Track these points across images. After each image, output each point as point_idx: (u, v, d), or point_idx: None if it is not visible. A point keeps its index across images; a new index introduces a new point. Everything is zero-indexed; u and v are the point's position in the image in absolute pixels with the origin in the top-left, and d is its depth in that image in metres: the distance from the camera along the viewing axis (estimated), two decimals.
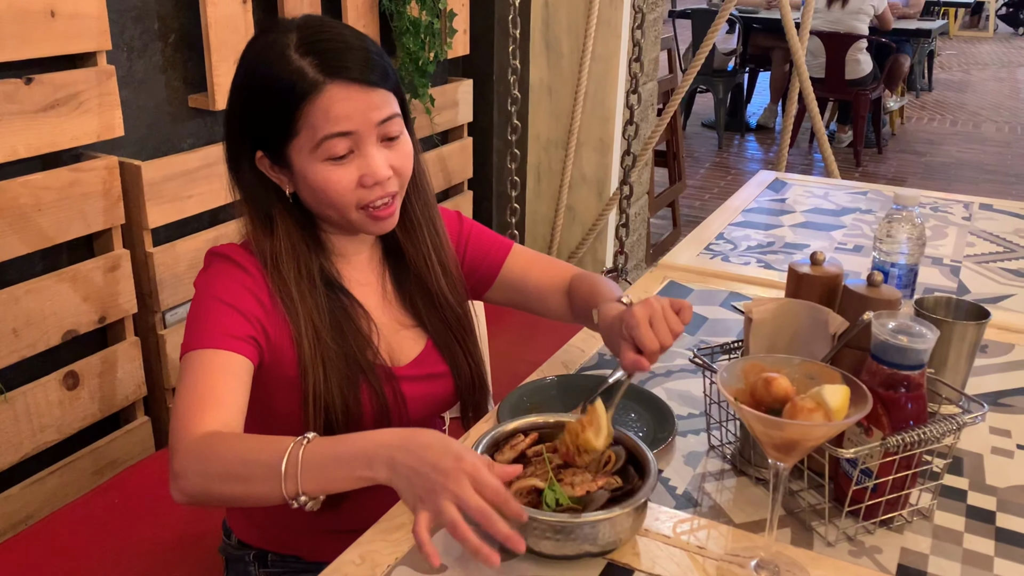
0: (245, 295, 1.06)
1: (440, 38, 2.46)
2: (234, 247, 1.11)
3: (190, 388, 0.98)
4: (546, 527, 0.87)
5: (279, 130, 1.04)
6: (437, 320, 1.20)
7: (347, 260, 1.16)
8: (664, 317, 1.05)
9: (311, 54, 1.01)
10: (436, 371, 1.19)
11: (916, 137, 6.65)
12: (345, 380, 1.09)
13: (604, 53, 2.99)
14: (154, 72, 1.88)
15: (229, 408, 0.97)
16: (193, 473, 0.92)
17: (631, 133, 2.74)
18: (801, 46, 2.96)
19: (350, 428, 1.09)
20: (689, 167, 5.68)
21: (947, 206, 2.12)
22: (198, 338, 1.02)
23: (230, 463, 0.90)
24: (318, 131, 1.01)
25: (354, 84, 1.02)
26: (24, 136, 1.58)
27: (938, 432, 0.93)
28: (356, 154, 1.04)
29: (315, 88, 1.00)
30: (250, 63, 1.06)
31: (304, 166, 1.04)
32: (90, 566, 1.40)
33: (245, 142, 1.08)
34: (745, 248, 1.84)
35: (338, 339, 1.09)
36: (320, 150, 1.02)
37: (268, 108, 1.03)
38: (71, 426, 1.76)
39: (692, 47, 6.36)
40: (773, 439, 0.83)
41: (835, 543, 0.96)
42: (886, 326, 0.92)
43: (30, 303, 1.65)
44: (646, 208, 3.60)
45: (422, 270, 1.19)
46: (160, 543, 1.46)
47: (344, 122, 1.02)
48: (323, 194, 1.05)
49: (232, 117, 1.09)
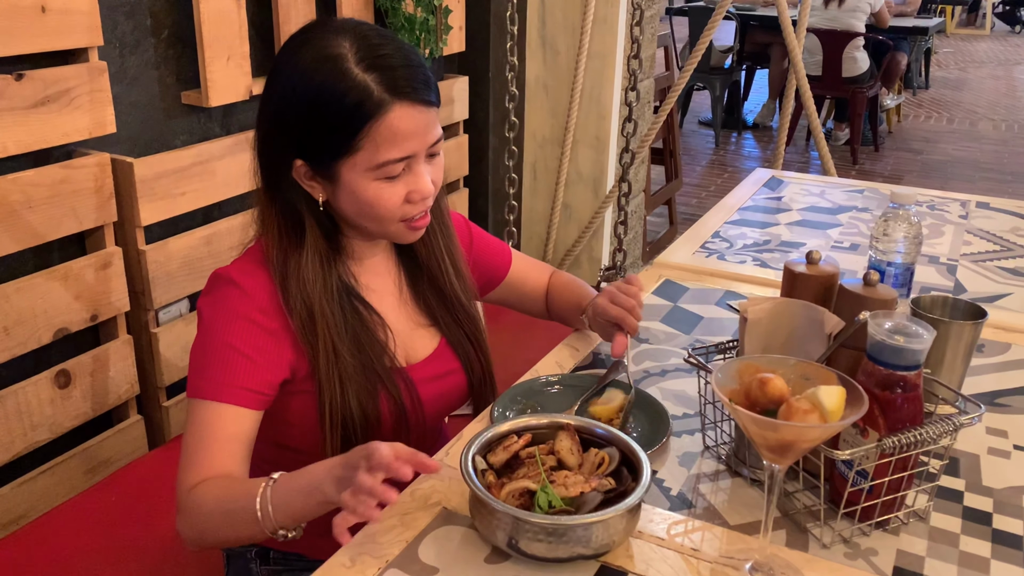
0: (256, 335, 1.04)
1: (436, 35, 2.45)
2: (240, 266, 1.09)
3: (195, 441, 1.02)
4: (538, 529, 0.86)
5: (335, 146, 1.02)
6: (450, 319, 1.21)
7: (362, 263, 1.16)
8: (620, 290, 1.26)
9: (375, 70, 0.99)
10: (449, 368, 1.21)
11: (913, 135, 6.65)
12: (363, 391, 1.08)
13: (601, 50, 2.98)
14: (146, 68, 1.86)
15: (228, 460, 1.02)
16: (190, 530, 1.01)
17: (630, 130, 2.73)
18: (798, 44, 2.95)
19: (368, 436, 1.09)
20: (686, 165, 5.67)
21: (944, 204, 2.11)
22: (206, 387, 1.03)
23: (215, 516, 0.98)
24: (380, 152, 1.01)
25: (417, 104, 1.01)
26: (14, 132, 1.57)
27: (935, 433, 0.92)
28: (406, 172, 1.05)
29: (380, 108, 0.99)
30: (304, 71, 1.01)
31: (356, 181, 1.03)
32: (85, 566, 1.39)
33: (288, 151, 1.05)
34: (741, 246, 1.83)
35: (355, 351, 1.09)
36: (378, 171, 1.02)
37: (326, 123, 1.01)
38: (63, 425, 1.75)
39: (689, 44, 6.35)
40: (768, 440, 0.82)
41: (830, 545, 0.95)
42: (882, 326, 0.92)
43: (21, 301, 1.63)
44: (642, 206, 3.59)
45: (435, 272, 1.20)
46: (159, 541, 1.45)
47: (406, 146, 1.02)
48: (371, 209, 1.05)
49: (275, 124, 1.05)
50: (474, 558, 0.91)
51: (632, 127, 2.70)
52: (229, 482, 1.00)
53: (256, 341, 1.04)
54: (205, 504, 0.98)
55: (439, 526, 0.96)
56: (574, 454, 0.96)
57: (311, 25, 1.06)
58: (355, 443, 1.07)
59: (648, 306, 1.54)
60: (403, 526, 0.96)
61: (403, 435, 1.14)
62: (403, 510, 0.98)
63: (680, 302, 1.57)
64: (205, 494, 0.99)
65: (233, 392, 1.03)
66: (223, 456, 1.02)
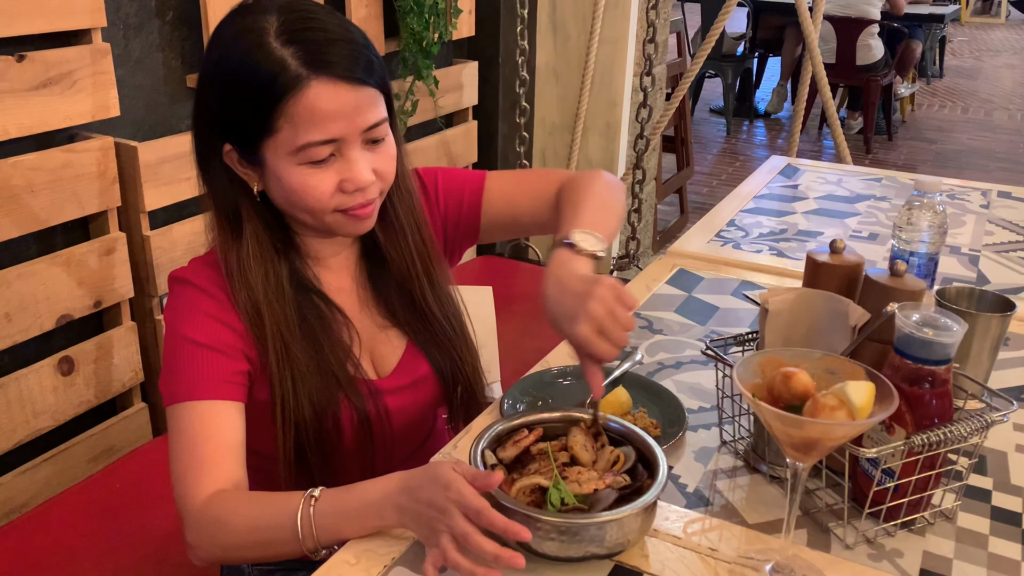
0: (216, 328, 0.99)
1: (445, 18, 2.41)
2: (195, 265, 1.04)
3: (185, 448, 0.96)
4: (550, 528, 0.83)
5: (253, 125, 0.95)
6: (417, 323, 1.13)
7: (323, 264, 1.09)
8: (612, 324, 0.90)
9: (293, 43, 0.92)
10: (419, 375, 1.13)
11: (927, 124, 6.57)
12: (318, 395, 1.02)
13: (612, 36, 2.93)
14: (151, 50, 1.83)
15: (229, 464, 0.96)
16: (207, 545, 0.94)
17: (644, 116, 2.68)
18: (815, 29, 2.89)
19: (324, 448, 1.04)
20: (697, 153, 5.61)
21: (964, 193, 2.07)
22: (181, 389, 0.97)
23: (242, 533, 0.92)
24: (299, 134, 0.93)
25: (341, 81, 0.93)
26: (15, 115, 1.54)
27: (965, 431, 0.89)
28: (337, 157, 0.97)
29: (297, 83, 0.92)
30: (224, 46, 0.95)
31: (279, 167, 0.96)
32: (87, 554, 1.37)
33: (214, 133, 0.99)
34: (757, 235, 1.79)
35: (310, 350, 1.02)
36: (300, 154, 0.95)
37: (243, 100, 0.94)
38: (66, 413, 1.73)
39: (701, 31, 6.27)
40: (792, 438, 0.78)
41: (854, 546, 0.92)
42: (910, 318, 0.88)
43: (23, 287, 1.60)
44: (653, 194, 3.54)
45: (405, 276, 1.11)
46: (158, 531, 1.43)
47: (329, 127, 0.93)
48: (298, 198, 0.97)
49: (201, 105, 1.00)
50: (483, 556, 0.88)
51: (647, 112, 2.66)
52: (255, 497, 0.94)
53: (218, 334, 0.99)
54: (230, 521, 0.92)
55: None
56: (588, 450, 0.93)
57: (247, 2, 0.98)
58: (308, 447, 1.02)
59: (662, 296, 1.51)
60: None
61: (367, 448, 1.08)
62: None
63: (695, 292, 1.53)
64: (227, 510, 0.92)
65: (208, 387, 0.97)
66: (220, 459, 0.95)
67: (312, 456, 1.04)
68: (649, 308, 1.46)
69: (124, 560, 1.38)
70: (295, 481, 1.03)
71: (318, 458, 1.05)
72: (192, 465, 0.95)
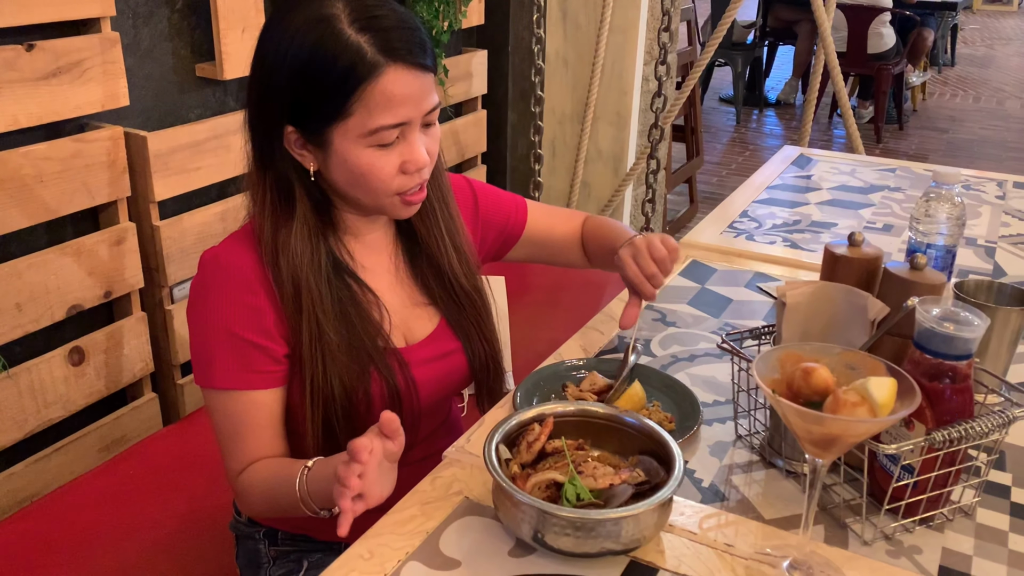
0: (254, 318, 1.02)
1: (455, 7, 2.39)
2: (228, 245, 1.06)
3: (225, 431, 1.06)
4: (565, 523, 0.82)
5: (326, 110, 0.97)
6: (448, 299, 1.17)
7: (359, 240, 1.12)
8: (648, 249, 1.14)
9: (368, 31, 0.95)
10: (448, 349, 1.16)
11: (938, 113, 6.52)
12: (348, 372, 1.05)
13: (623, 24, 2.91)
14: (160, 40, 1.82)
15: (268, 440, 1.06)
16: (246, 509, 1.15)
17: (659, 105, 2.65)
18: (828, 18, 2.86)
19: (353, 423, 1.06)
20: (706, 142, 5.58)
21: (980, 184, 2.04)
22: (217, 376, 1.03)
23: (266, 500, 1.05)
24: (373, 118, 0.96)
25: (411, 68, 0.97)
26: (25, 105, 1.53)
27: (986, 427, 0.87)
28: (400, 140, 1.00)
29: (374, 70, 0.95)
30: (295, 33, 0.96)
31: (347, 149, 0.99)
32: (98, 542, 1.38)
33: (278, 116, 1.00)
34: (770, 226, 1.78)
35: (342, 329, 1.05)
36: (371, 137, 0.98)
37: (317, 86, 0.96)
38: (77, 403, 1.73)
39: (711, 19, 6.23)
40: (812, 434, 0.77)
41: (872, 542, 0.91)
42: (931, 312, 0.86)
43: (33, 277, 1.60)
44: (663, 184, 3.52)
45: (435, 252, 1.15)
46: (170, 519, 1.44)
47: (399, 111, 0.97)
48: (364, 179, 1.00)
49: (263, 89, 1.01)
50: (498, 551, 0.88)
51: (662, 102, 2.64)
52: (272, 467, 1.03)
53: (256, 323, 1.02)
54: (254, 488, 1.04)
55: (461, 516, 0.92)
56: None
57: None
58: (336, 425, 1.07)
59: (675, 288, 1.50)
60: (424, 516, 0.92)
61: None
62: (424, 499, 0.95)
63: (708, 284, 1.52)
64: (253, 478, 1.04)
65: (245, 378, 1.03)
66: (260, 442, 1.05)
67: (341, 434, 1.06)
68: (662, 300, 1.45)
69: (134, 548, 1.38)
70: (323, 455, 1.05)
71: (347, 435, 1.06)
72: (231, 446, 1.05)
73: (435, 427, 1.23)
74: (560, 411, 0.97)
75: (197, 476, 1.51)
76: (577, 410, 0.97)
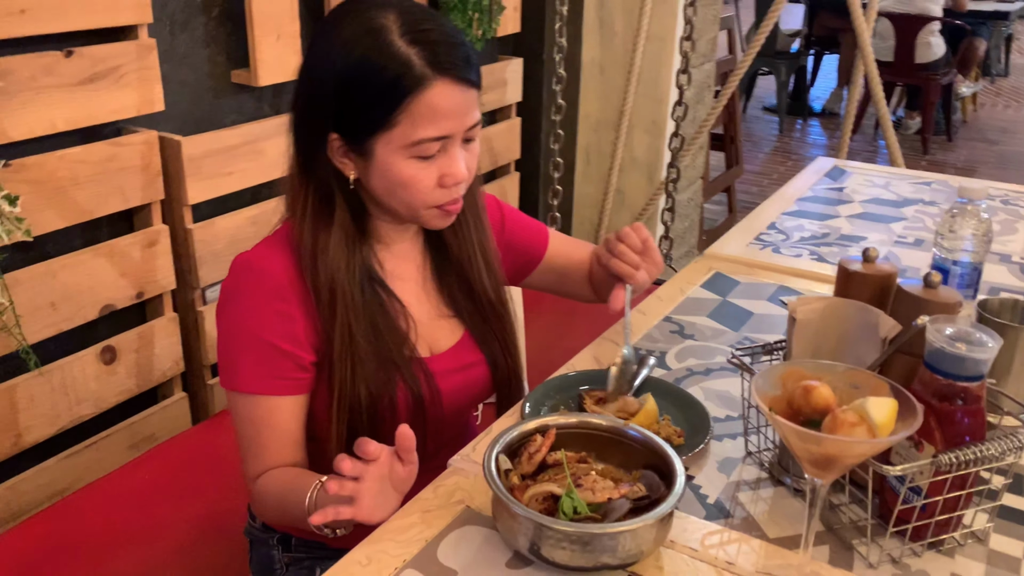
0: (284, 326, 1.03)
1: (489, 15, 2.40)
2: (261, 250, 1.07)
3: (246, 435, 1.07)
4: (561, 536, 0.82)
5: (372, 119, 0.99)
6: (475, 312, 1.18)
7: (389, 248, 1.13)
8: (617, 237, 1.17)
9: (417, 44, 0.96)
10: (471, 360, 1.17)
11: (989, 125, 6.36)
12: (375, 379, 1.06)
13: (659, 32, 2.89)
14: (196, 47, 1.86)
15: (288, 449, 1.07)
16: (262, 516, 1.19)
17: (680, 114, 2.65)
18: (868, 26, 2.82)
19: (376, 427, 1.07)
20: (748, 152, 5.52)
21: (1019, 199, 1.99)
22: (242, 380, 1.04)
23: (277, 509, 1.06)
24: (417, 130, 0.98)
25: (458, 83, 0.98)
26: (63, 109, 1.57)
27: (997, 450, 0.85)
28: (441, 153, 1.01)
29: (422, 83, 0.96)
30: (345, 42, 0.98)
31: (389, 159, 1.00)
32: (125, 538, 1.41)
33: (323, 123, 1.02)
34: (798, 239, 1.75)
35: (371, 337, 1.06)
36: (413, 148, 0.99)
37: (365, 95, 0.98)
38: (107, 401, 1.77)
39: (754, 27, 6.17)
40: (810, 454, 0.76)
41: (877, 565, 0.89)
42: (942, 332, 0.85)
43: (68, 277, 1.65)
44: (700, 193, 3.49)
45: (465, 266, 1.16)
46: (188, 521, 1.46)
47: (443, 124, 0.99)
48: (403, 189, 1.02)
49: (310, 96, 1.03)
50: (495, 562, 0.88)
51: (682, 111, 2.63)
52: (288, 476, 1.04)
53: (285, 330, 1.04)
54: (268, 496, 1.05)
55: (460, 526, 0.93)
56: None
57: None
58: (360, 432, 1.06)
59: (695, 299, 1.48)
60: (423, 524, 0.93)
61: (419, 427, 1.10)
62: (425, 507, 0.95)
63: (730, 296, 1.50)
64: (268, 485, 1.05)
65: (270, 384, 1.04)
66: (279, 448, 1.06)
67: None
68: (681, 312, 1.44)
69: (160, 546, 1.41)
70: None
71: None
72: (250, 450, 1.07)
73: (453, 436, 1.23)
74: (563, 423, 0.97)
75: (218, 478, 1.53)
76: (580, 422, 0.97)
